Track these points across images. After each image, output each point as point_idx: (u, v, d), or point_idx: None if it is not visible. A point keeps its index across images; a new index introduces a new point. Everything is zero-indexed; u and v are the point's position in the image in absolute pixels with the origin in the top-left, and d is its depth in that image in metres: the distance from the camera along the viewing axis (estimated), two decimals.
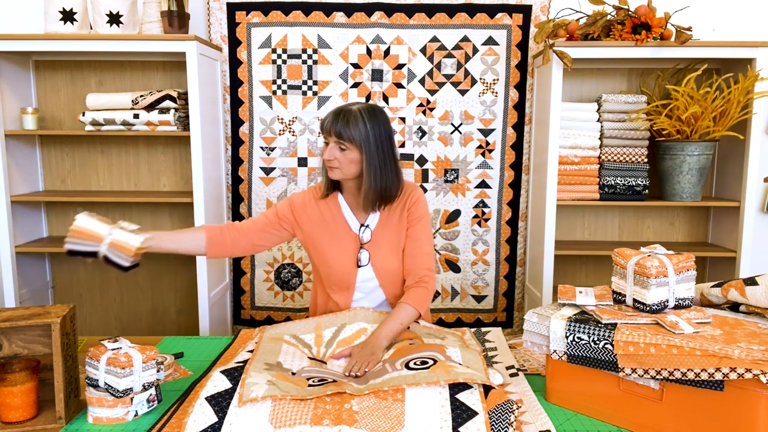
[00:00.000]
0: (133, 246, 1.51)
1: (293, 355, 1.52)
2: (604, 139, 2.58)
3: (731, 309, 1.44)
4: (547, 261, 2.57)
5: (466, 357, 1.43)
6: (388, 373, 1.35)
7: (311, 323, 1.68)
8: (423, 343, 1.54)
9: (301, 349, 1.57)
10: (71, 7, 2.42)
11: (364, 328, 1.64)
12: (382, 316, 1.68)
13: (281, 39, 2.74)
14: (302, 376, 1.38)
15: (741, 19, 2.74)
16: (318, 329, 1.66)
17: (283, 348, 1.54)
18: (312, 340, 1.62)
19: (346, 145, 1.67)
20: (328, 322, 1.68)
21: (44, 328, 1.35)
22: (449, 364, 1.33)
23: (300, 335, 1.64)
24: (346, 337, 1.63)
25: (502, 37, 2.74)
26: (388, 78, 2.75)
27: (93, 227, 1.49)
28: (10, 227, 2.53)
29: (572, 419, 1.32)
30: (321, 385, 1.32)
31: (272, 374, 1.33)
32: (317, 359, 1.54)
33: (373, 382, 1.33)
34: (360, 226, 1.79)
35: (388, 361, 1.44)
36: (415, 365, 1.36)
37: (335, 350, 1.58)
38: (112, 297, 2.93)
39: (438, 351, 1.44)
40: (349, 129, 1.65)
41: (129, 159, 2.84)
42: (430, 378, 1.27)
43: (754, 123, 2.47)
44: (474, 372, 1.31)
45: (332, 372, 1.45)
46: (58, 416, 1.30)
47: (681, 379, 1.16)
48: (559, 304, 1.45)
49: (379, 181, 1.70)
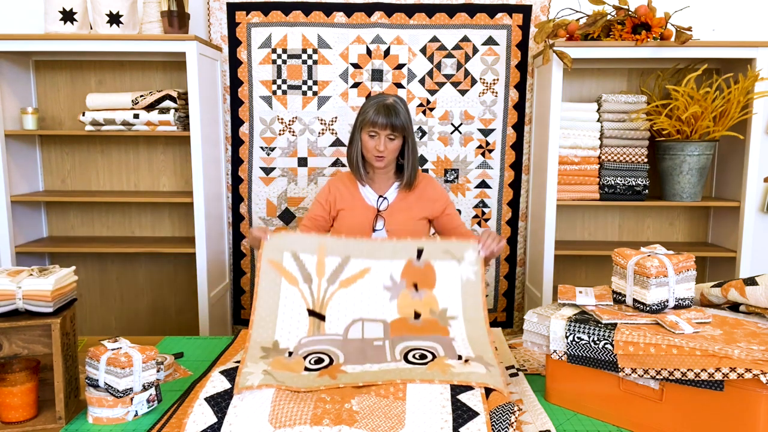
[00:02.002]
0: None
1: (291, 311, 1.49)
2: (604, 139, 2.58)
3: (731, 309, 1.44)
4: (547, 261, 2.57)
5: (473, 338, 1.44)
6: (386, 360, 1.37)
7: (314, 242, 1.61)
8: (429, 322, 1.51)
9: (301, 291, 1.53)
10: (71, 7, 2.42)
11: (367, 268, 1.59)
12: (390, 246, 1.63)
13: (281, 39, 2.73)
14: (299, 354, 1.40)
15: (741, 19, 2.74)
16: (321, 252, 1.59)
17: (282, 294, 1.51)
18: (314, 268, 1.56)
19: (395, 135, 1.91)
20: (333, 247, 1.61)
21: (44, 328, 1.35)
22: (447, 363, 1.33)
23: (301, 255, 1.57)
24: (349, 277, 1.57)
25: (502, 37, 2.74)
26: (388, 78, 2.75)
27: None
28: (10, 227, 2.53)
29: (572, 419, 1.32)
30: (317, 370, 1.33)
31: (268, 362, 1.35)
32: (316, 313, 1.52)
33: (369, 367, 1.34)
34: (378, 197, 2.02)
35: (389, 338, 1.45)
36: (414, 359, 1.37)
37: (336, 290, 1.55)
38: (112, 297, 2.93)
39: (441, 337, 1.44)
40: (399, 119, 1.90)
41: (129, 159, 2.84)
42: (425, 376, 1.28)
43: (754, 123, 2.47)
44: (471, 371, 1.31)
45: (331, 338, 1.45)
46: (58, 416, 1.30)
47: (681, 379, 1.16)
48: (559, 304, 1.45)
49: (415, 161, 1.98)
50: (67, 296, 1.39)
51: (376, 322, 1.52)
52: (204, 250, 2.54)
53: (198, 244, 2.54)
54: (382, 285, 1.57)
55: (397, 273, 1.59)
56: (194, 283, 2.73)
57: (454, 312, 1.52)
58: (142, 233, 2.88)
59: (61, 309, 1.36)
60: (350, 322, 1.51)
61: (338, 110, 2.77)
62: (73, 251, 2.70)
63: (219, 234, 2.77)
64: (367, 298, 1.56)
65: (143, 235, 2.88)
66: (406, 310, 1.54)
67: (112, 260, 2.90)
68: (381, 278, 1.58)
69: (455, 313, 1.53)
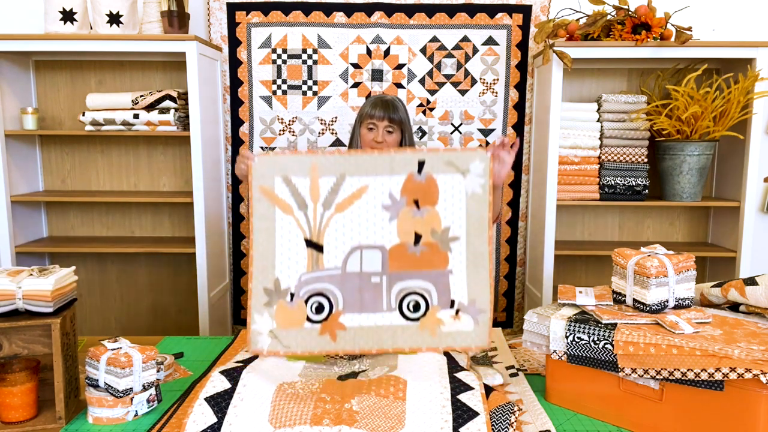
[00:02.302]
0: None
1: (288, 242, 1.48)
2: (604, 139, 2.58)
3: (731, 309, 1.44)
4: (547, 261, 2.57)
5: (473, 267, 1.45)
6: (381, 309, 1.43)
7: (306, 162, 1.52)
8: (429, 249, 1.49)
9: (297, 220, 1.49)
10: (71, 7, 2.42)
11: (364, 186, 1.51)
12: (388, 159, 1.54)
13: (281, 39, 2.73)
14: (300, 296, 1.44)
15: (741, 19, 2.74)
16: (314, 172, 1.52)
17: (277, 225, 1.48)
18: (307, 192, 1.51)
19: (393, 128, 1.97)
20: (326, 165, 1.52)
21: (44, 328, 1.35)
22: (438, 317, 1.37)
23: (293, 178, 1.51)
24: (345, 198, 1.51)
25: (502, 37, 2.74)
26: (388, 78, 2.75)
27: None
28: (10, 227, 2.53)
29: (572, 419, 1.32)
30: (318, 322, 1.41)
31: (272, 313, 1.40)
32: (313, 243, 1.50)
33: (366, 319, 1.40)
34: None
35: (387, 273, 1.47)
36: (408, 310, 1.38)
37: (333, 215, 1.50)
38: (112, 297, 2.93)
39: (438, 272, 1.45)
40: (398, 113, 1.98)
41: (129, 159, 2.84)
42: (415, 342, 1.36)
43: (754, 123, 2.47)
44: (459, 331, 1.38)
45: (329, 274, 1.47)
46: (58, 416, 1.30)
47: (681, 379, 1.16)
48: (559, 304, 1.45)
49: None
50: (67, 296, 1.39)
51: (374, 249, 1.48)
52: (204, 250, 2.54)
53: (198, 244, 2.54)
54: (381, 204, 1.50)
55: (396, 189, 1.50)
56: (194, 283, 2.73)
57: (457, 231, 1.47)
58: (142, 233, 2.88)
59: (61, 309, 1.36)
60: (349, 251, 1.48)
61: (338, 110, 2.77)
62: (73, 251, 2.70)
63: (219, 234, 2.77)
64: (365, 221, 1.49)
65: (143, 235, 2.88)
66: (406, 233, 1.48)
67: (112, 260, 2.90)
68: (379, 196, 1.50)
69: (458, 232, 1.47)
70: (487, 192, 1.49)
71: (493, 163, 1.51)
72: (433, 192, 1.50)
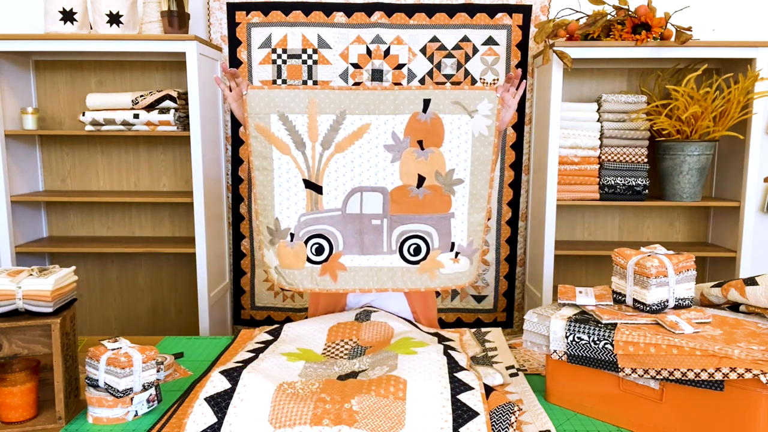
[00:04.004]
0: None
1: (287, 182, 1.45)
2: (604, 139, 2.58)
3: (731, 309, 1.44)
4: (547, 261, 2.57)
5: (474, 209, 1.46)
6: (382, 251, 1.44)
7: (303, 97, 1.45)
8: (432, 193, 1.45)
9: (294, 159, 1.44)
10: (71, 7, 2.42)
11: (366, 124, 1.44)
12: (392, 97, 1.46)
13: (281, 39, 2.73)
14: (300, 237, 1.45)
15: (741, 19, 2.74)
16: (312, 109, 1.45)
17: (275, 165, 1.44)
18: (305, 130, 1.44)
19: None
20: (326, 101, 1.45)
21: (44, 327, 1.35)
22: (438, 260, 1.39)
23: (290, 116, 1.44)
24: (345, 137, 1.44)
25: (502, 37, 2.74)
26: (388, 78, 2.75)
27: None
28: (10, 227, 2.53)
29: (572, 419, 1.32)
30: (319, 263, 1.44)
31: (276, 251, 1.44)
32: (312, 183, 1.45)
33: (366, 260, 1.43)
34: None
35: (388, 215, 1.45)
36: (409, 253, 1.39)
37: (332, 155, 1.45)
38: (112, 297, 2.93)
39: (440, 216, 1.44)
40: None
41: (129, 159, 2.84)
42: (414, 284, 1.40)
43: (754, 123, 2.47)
44: (456, 272, 1.42)
45: (329, 215, 1.45)
46: (58, 416, 1.30)
47: (681, 379, 1.16)
48: (559, 304, 1.45)
49: None
50: (67, 296, 1.39)
51: (375, 191, 1.44)
52: (204, 250, 2.54)
53: (198, 244, 2.54)
54: (383, 144, 1.43)
55: (400, 129, 1.43)
56: (194, 283, 2.73)
57: (461, 174, 1.43)
58: (142, 233, 2.88)
59: (61, 309, 1.36)
60: (349, 192, 1.43)
61: None
62: (73, 251, 2.70)
63: (219, 234, 2.77)
64: (366, 161, 1.43)
65: (143, 235, 2.88)
66: (408, 175, 1.43)
67: (112, 260, 2.90)
68: (381, 136, 1.43)
69: (462, 175, 1.43)
70: (492, 134, 1.44)
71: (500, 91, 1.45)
72: (439, 132, 1.44)
